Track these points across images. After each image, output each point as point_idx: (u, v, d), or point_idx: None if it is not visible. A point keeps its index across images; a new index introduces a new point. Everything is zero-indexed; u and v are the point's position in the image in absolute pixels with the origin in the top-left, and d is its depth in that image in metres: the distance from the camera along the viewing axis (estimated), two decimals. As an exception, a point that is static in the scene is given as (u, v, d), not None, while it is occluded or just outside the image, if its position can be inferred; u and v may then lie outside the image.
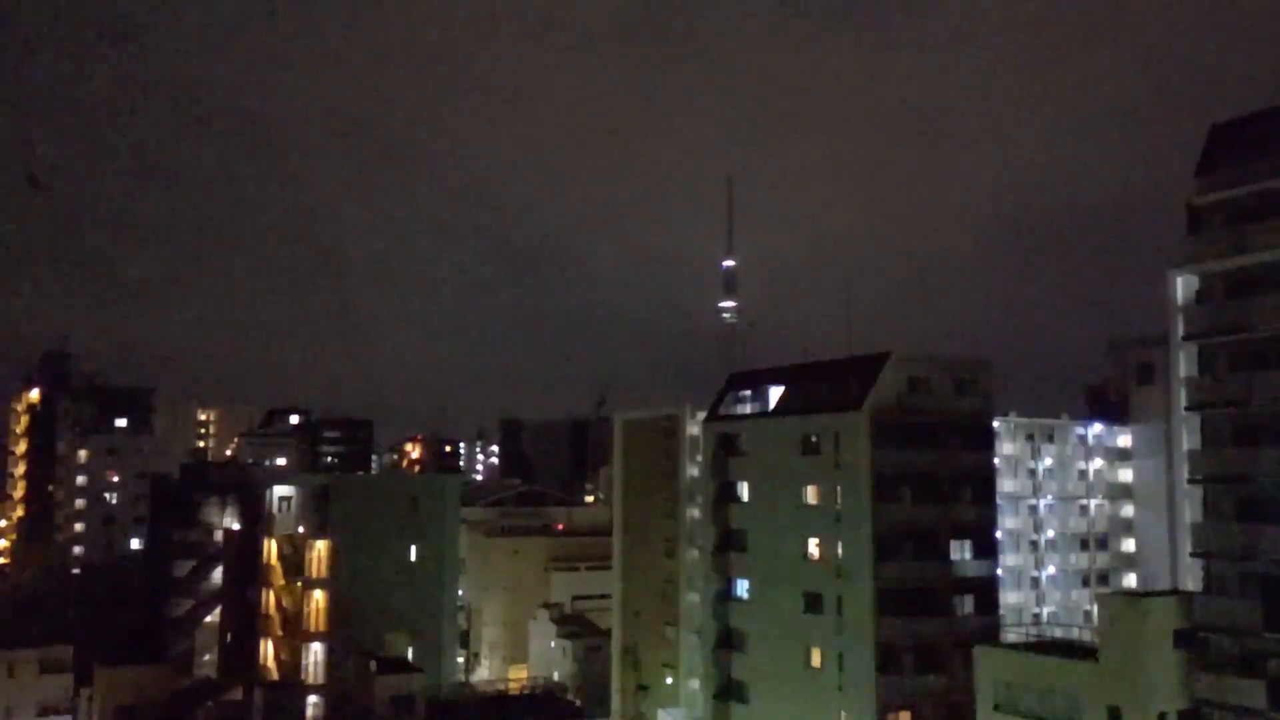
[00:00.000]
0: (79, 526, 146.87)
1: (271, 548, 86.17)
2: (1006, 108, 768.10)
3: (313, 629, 79.70)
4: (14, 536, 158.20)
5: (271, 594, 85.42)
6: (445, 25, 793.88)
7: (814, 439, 69.41)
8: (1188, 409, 51.93)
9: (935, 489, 66.49)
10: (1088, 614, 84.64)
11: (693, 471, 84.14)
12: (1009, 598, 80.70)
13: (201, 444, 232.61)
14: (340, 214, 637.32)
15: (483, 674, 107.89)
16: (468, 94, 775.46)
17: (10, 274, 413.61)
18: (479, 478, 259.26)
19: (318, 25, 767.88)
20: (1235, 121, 52.95)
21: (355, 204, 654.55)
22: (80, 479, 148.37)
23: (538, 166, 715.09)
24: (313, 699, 77.98)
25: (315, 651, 79.43)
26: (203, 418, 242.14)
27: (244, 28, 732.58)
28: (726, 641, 74.51)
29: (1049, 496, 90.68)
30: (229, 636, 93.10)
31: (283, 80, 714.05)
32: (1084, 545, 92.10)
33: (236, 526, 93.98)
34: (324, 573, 79.99)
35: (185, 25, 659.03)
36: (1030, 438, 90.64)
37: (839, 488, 66.93)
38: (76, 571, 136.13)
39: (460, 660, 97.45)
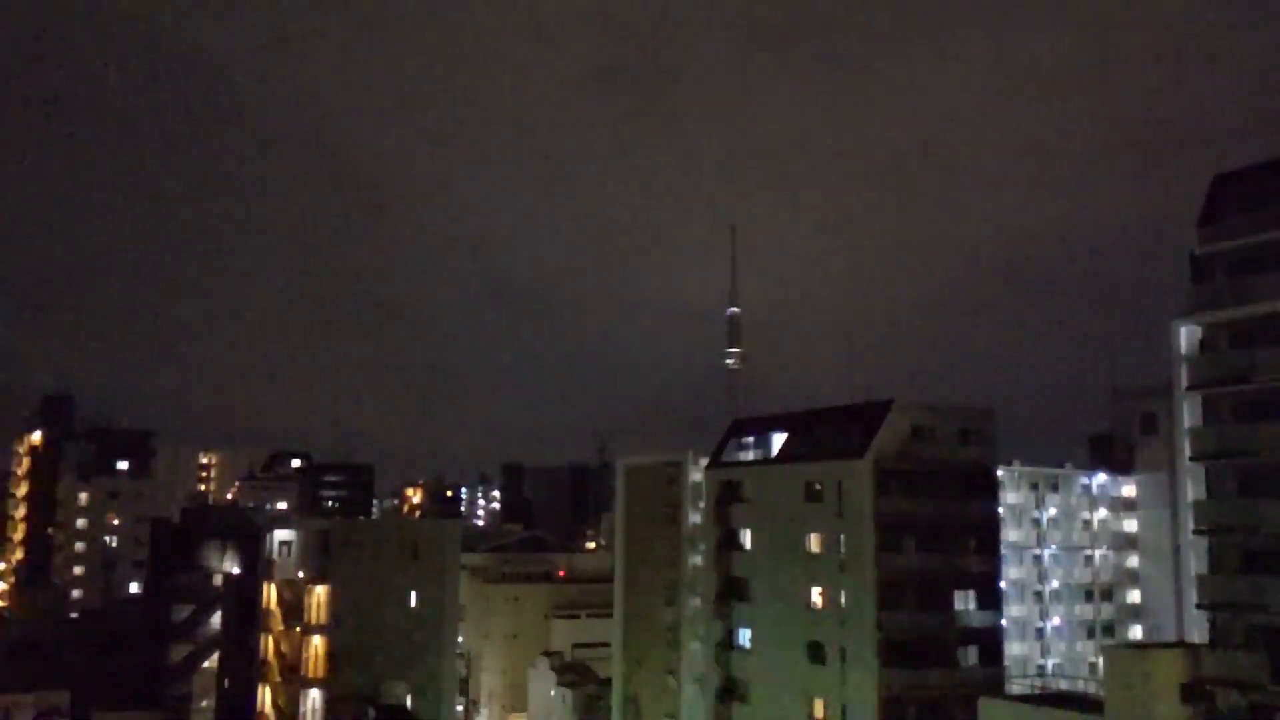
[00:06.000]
0: (78, 570, 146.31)
1: (271, 593, 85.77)
2: (1010, 151, 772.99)
3: (311, 675, 79.14)
4: (13, 580, 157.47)
5: (270, 639, 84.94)
6: (434, 71, 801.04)
7: (817, 487, 69.17)
8: (1192, 459, 51.74)
9: (939, 538, 66.13)
10: (1093, 666, 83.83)
11: (695, 518, 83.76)
12: (1013, 649, 79.96)
13: (203, 487, 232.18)
14: (340, 261, 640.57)
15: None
16: (461, 141, 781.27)
17: (13, 316, 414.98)
18: (480, 523, 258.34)
19: (310, 79, 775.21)
20: (1238, 172, 53.23)
21: (353, 251, 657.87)
22: (80, 522, 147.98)
23: (542, 214, 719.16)
24: (310, 746, 77.28)
25: (313, 698, 78.82)
26: (204, 461, 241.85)
27: (237, 80, 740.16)
28: (728, 691, 73.80)
29: (1053, 546, 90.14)
30: (227, 682, 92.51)
31: (273, 128, 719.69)
32: (1089, 596, 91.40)
33: (236, 571, 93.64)
34: (323, 618, 79.54)
35: (179, 73, 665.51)
36: (1034, 487, 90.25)
37: (842, 536, 66.61)
38: (75, 615, 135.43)
39: (459, 708, 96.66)
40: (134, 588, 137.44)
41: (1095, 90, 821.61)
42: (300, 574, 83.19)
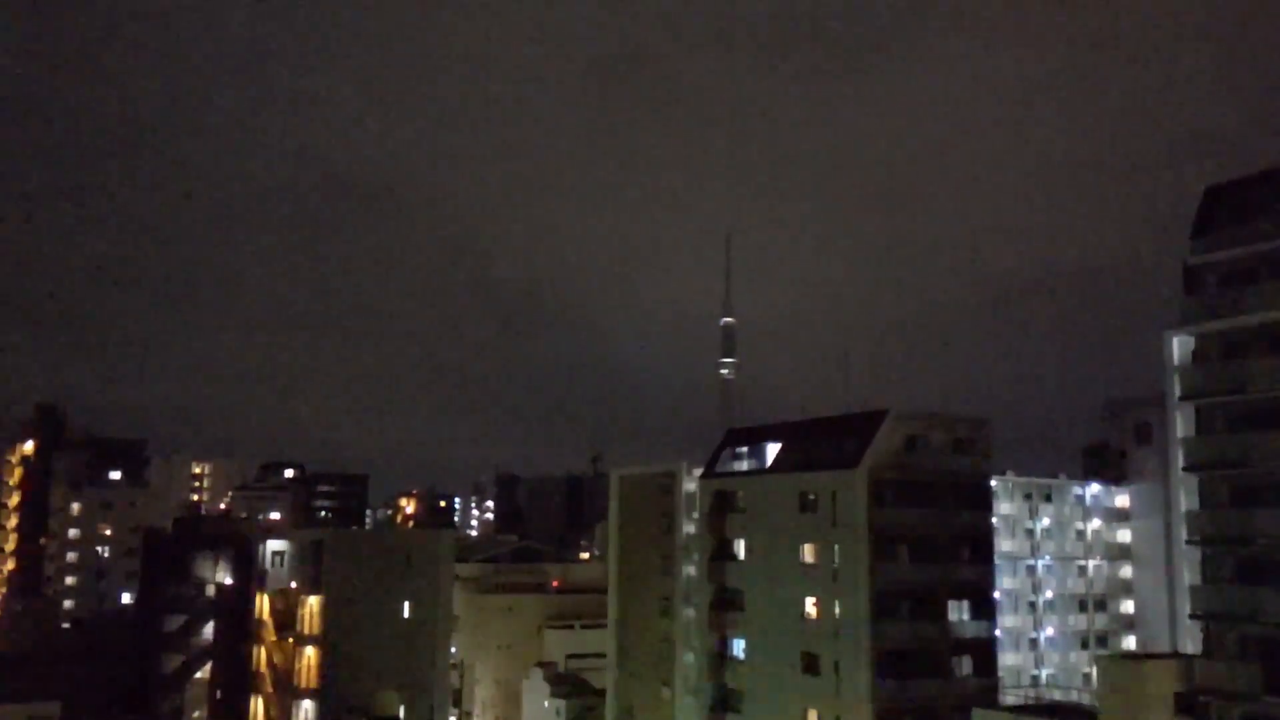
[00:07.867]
0: (70, 580, 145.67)
1: (263, 603, 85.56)
2: (1005, 162, 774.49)
3: (303, 686, 78.95)
4: (4, 590, 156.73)
5: (263, 650, 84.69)
6: (429, 78, 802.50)
7: (811, 497, 69.16)
8: (1185, 470, 51.83)
9: (933, 548, 66.14)
10: (1087, 676, 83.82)
11: (689, 529, 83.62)
12: (1007, 659, 79.93)
13: (196, 497, 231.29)
14: (334, 270, 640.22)
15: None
16: (456, 150, 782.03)
17: (5, 326, 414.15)
18: (474, 533, 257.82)
19: (299, 81, 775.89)
20: (1230, 184, 53.41)
21: (347, 259, 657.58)
22: (72, 532, 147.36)
23: (537, 223, 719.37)
24: (302, 758, 77.03)
25: (306, 709, 78.62)
26: (197, 471, 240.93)
27: (225, 84, 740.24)
28: (723, 702, 73.68)
29: (1047, 557, 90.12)
30: (219, 693, 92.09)
31: (266, 135, 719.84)
32: (1083, 606, 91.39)
33: (229, 581, 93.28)
34: (316, 629, 79.36)
35: (167, 80, 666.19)
36: (1028, 497, 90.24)
37: (836, 546, 66.54)
38: (66, 625, 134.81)
39: (452, 719, 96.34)
40: (126, 598, 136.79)
41: (1090, 101, 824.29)
42: (293, 584, 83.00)
